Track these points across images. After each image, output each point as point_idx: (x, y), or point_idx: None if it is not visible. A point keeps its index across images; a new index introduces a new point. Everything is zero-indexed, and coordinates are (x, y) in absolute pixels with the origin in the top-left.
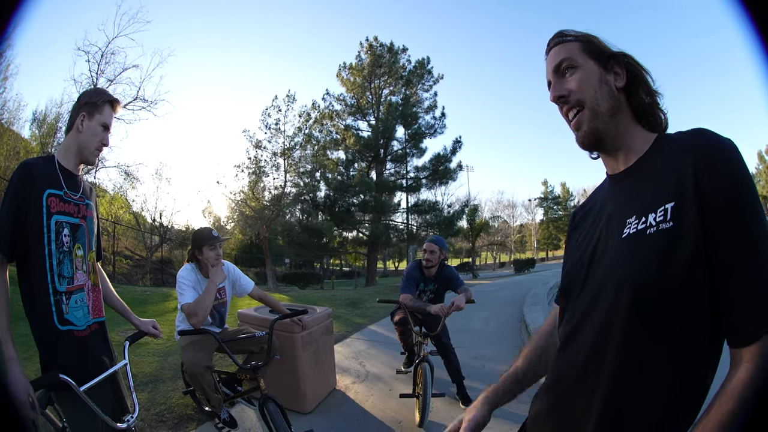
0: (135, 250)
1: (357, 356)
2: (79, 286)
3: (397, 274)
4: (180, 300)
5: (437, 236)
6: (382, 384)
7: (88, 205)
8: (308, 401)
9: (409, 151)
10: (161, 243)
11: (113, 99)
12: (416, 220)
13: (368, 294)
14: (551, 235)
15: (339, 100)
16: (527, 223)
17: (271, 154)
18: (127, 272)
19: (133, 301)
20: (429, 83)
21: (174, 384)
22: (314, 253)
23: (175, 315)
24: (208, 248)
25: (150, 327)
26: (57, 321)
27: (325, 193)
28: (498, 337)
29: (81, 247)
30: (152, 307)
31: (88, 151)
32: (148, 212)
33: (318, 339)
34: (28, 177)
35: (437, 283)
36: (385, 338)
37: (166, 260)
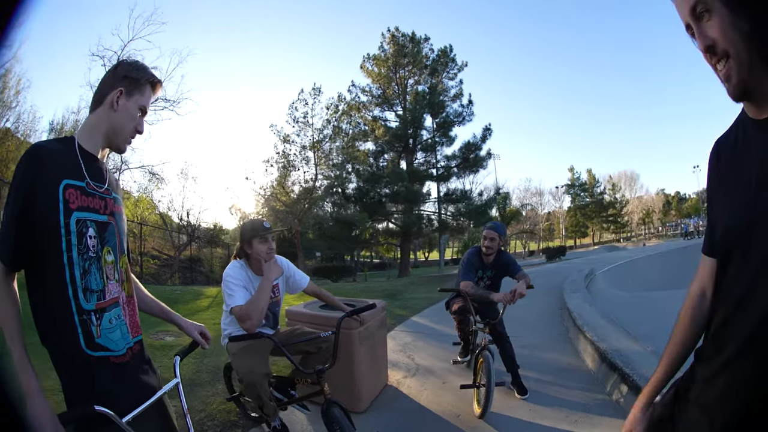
0: (162, 250)
1: (404, 349)
2: (112, 300)
3: (428, 264)
4: (229, 302)
5: (496, 222)
6: (434, 377)
7: (115, 199)
8: (363, 400)
9: (438, 139)
10: (189, 242)
11: (156, 80)
12: (447, 209)
13: (404, 285)
14: (579, 222)
15: (365, 91)
16: (555, 210)
17: (300, 148)
18: (155, 272)
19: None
20: (453, 71)
21: (213, 388)
22: (346, 245)
23: (207, 314)
24: (259, 241)
25: (196, 333)
26: (86, 347)
27: (356, 184)
28: (542, 326)
29: (111, 250)
30: (183, 306)
31: (121, 135)
32: (175, 212)
33: (374, 334)
34: (39, 164)
35: (495, 270)
36: (430, 329)
37: (195, 258)
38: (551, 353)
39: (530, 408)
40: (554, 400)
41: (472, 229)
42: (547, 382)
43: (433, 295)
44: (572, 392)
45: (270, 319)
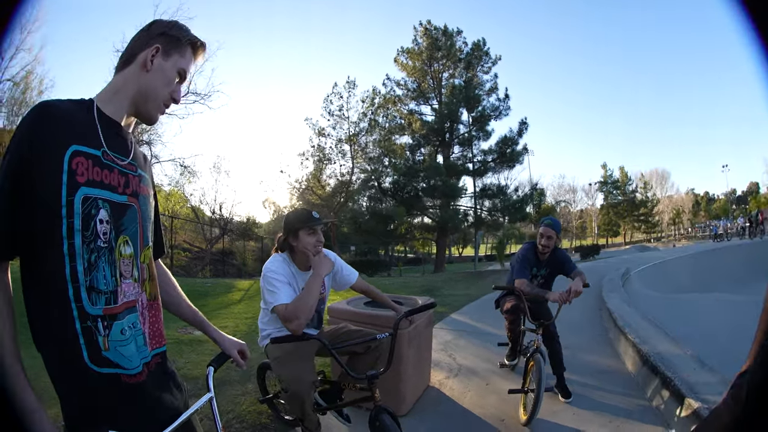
0: (194, 243)
1: (445, 348)
2: (127, 304)
3: (462, 260)
4: (271, 299)
5: (553, 219)
6: (478, 378)
7: (141, 177)
8: (406, 402)
9: (475, 134)
10: (222, 235)
11: (199, 41)
12: (483, 204)
13: (441, 281)
14: (611, 220)
15: (400, 85)
16: (588, 208)
17: (335, 141)
18: (186, 264)
19: (193, 294)
20: (487, 65)
21: (243, 387)
22: (381, 240)
23: (239, 308)
24: (306, 233)
25: (234, 351)
26: (90, 361)
27: (392, 178)
28: (582, 326)
29: (129, 240)
30: (213, 300)
31: (152, 101)
32: (207, 205)
33: (421, 333)
34: (43, 122)
35: (549, 268)
36: (471, 328)
37: (227, 251)
38: (592, 354)
39: (574, 412)
40: (597, 405)
41: (507, 226)
42: (588, 385)
43: (472, 292)
44: (614, 396)
45: (315, 319)
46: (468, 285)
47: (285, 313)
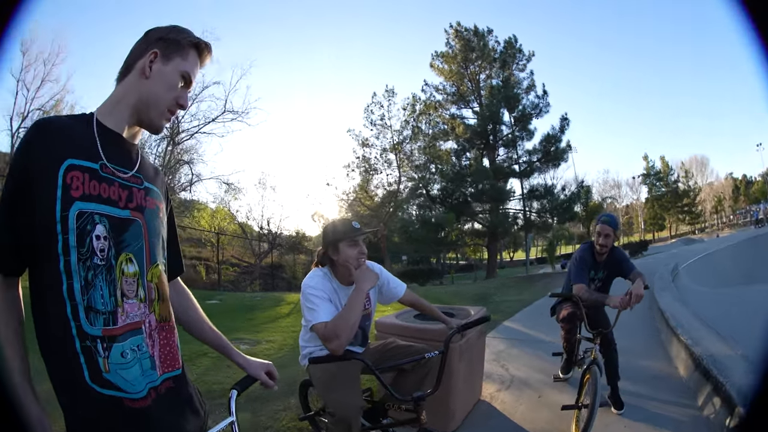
0: (243, 258)
1: (498, 358)
2: (129, 326)
3: (513, 264)
4: (310, 317)
5: (610, 215)
6: (530, 390)
7: (148, 190)
8: (456, 419)
9: (518, 134)
10: (270, 249)
11: (202, 42)
12: (531, 206)
13: (494, 287)
14: (656, 214)
15: (439, 90)
16: (633, 203)
17: (380, 151)
18: (234, 279)
19: (241, 308)
20: (522, 62)
21: (284, 402)
22: (432, 248)
23: (287, 321)
24: (347, 244)
25: (262, 372)
26: (91, 381)
27: (440, 185)
28: (634, 328)
29: (133, 258)
30: (260, 314)
31: (154, 108)
32: (255, 221)
33: (474, 346)
34: (38, 139)
35: (607, 270)
36: (523, 335)
37: (277, 265)
38: (644, 359)
39: (625, 425)
40: (649, 416)
41: (556, 227)
42: (640, 393)
43: (524, 297)
44: (666, 406)
45: (359, 336)
46: (520, 290)
47: (324, 332)
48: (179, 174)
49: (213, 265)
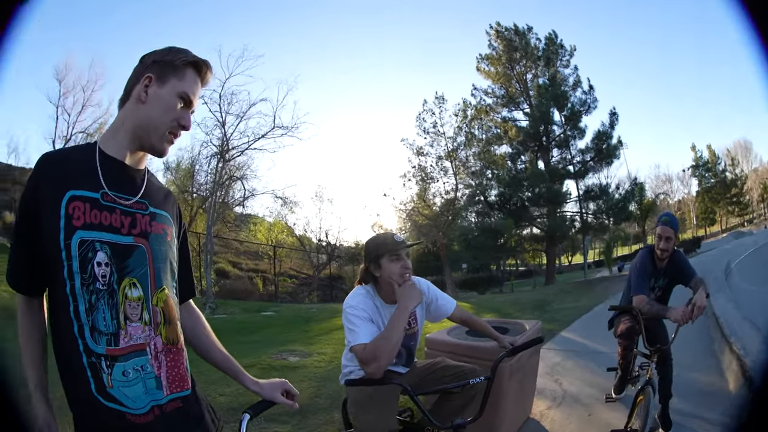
0: (301, 270)
1: (552, 371)
2: (132, 347)
3: (571, 269)
4: (350, 338)
5: (669, 214)
6: (581, 407)
7: (154, 215)
8: None
9: (570, 133)
10: (329, 261)
11: (199, 60)
12: (587, 207)
13: (552, 294)
14: (707, 208)
15: (488, 93)
16: (684, 197)
17: (435, 159)
18: (292, 290)
19: (297, 319)
20: (565, 58)
21: (328, 416)
22: (492, 255)
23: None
24: (389, 259)
25: (277, 393)
26: (97, 393)
27: (497, 190)
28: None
29: (137, 283)
30: (316, 326)
31: (154, 132)
32: (313, 233)
33: (526, 364)
34: (41, 174)
35: (667, 277)
36: (579, 346)
37: (335, 276)
38: (694, 371)
39: None
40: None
41: (612, 228)
42: (688, 411)
43: (582, 304)
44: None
45: (403, 356)
46: (578, 296)
47: (363, 355)
48: (233, 190)
49: (270, 277)
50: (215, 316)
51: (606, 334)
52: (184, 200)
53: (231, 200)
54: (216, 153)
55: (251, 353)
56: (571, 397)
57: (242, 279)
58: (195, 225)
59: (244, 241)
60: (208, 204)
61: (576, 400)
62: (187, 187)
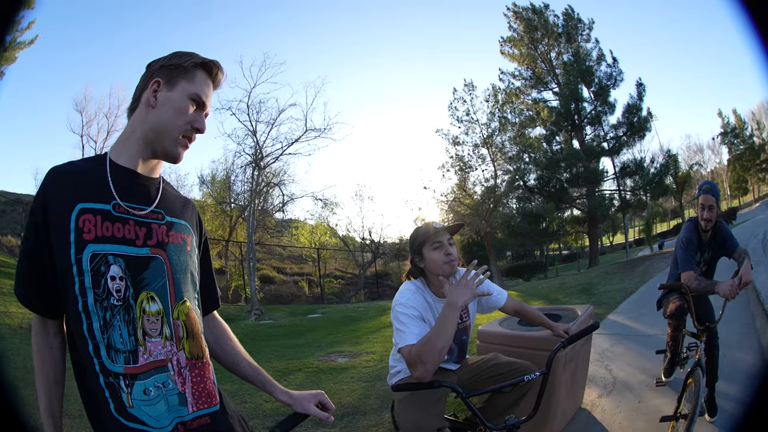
0: (347, 269)
1: (602, 357)
2: (152, 364)
3: (612, 249)
4: (397, 339)
5: (710, 182)
6: (631, 394)
7: (171, 224)
8: (553, 431)
9: (600, 109)
10: (374, 259)
11: (208, 61)
12: (624, 184)
13: (597, 277)
14: (739, 177)
15: (515, 76)
16: (717, 167)
17: (472, 147)
18: (339, 291)
19: (344, 320)
20: (585, 32)
21: (378, 417)
22: (535, 240)
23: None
24: (431, 248)
25: (311, 405)
26: (117, 413)
27: (536, 174)
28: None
29: (155, 296)
30: (365, 324)
31: (166, 135)
32: (356, 232)
33: (579, 353)
34: (50, 188)
35: (712, 250)
36: (627, 330)
37: (381, 274)
38: (738, 350)
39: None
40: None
41: (650, 204)
42: (733, 396)
43: (626, 285)
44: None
45: (455, 352)
46: (622, 277)
47: (410, 358)
48: (271, 196)
49: (315, 279)
50: (261, 322)
51: (653, 316)
52: (222, 211)
53: (270, 207)
54: (250, 162)
55: (298, 357)
56: (621, 384)
57: (287, 283)
58: (236, 234)
59: (287, 246)
60: (247, 212)
61: (626, 387)
62: (225, 198)
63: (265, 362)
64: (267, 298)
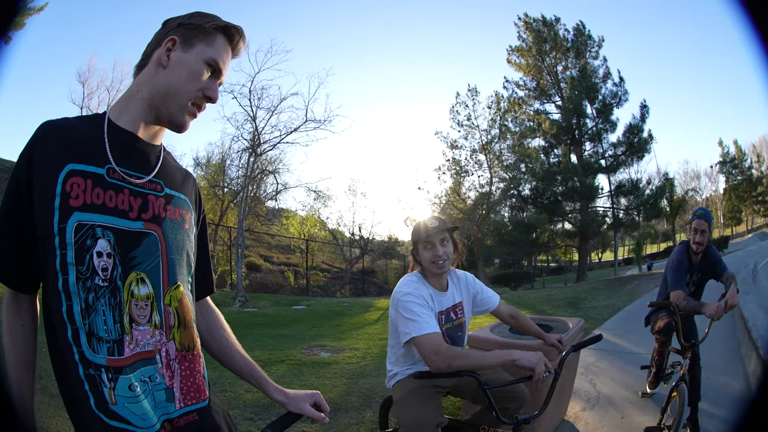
0: (334, 264)
1: (586, 371)
2: (139, 355)
3: (601, 266)
4: (408, 329)
5: (704, 208)
6: (613, 409)
7: (170, 197)
8: None
9: (601, 126)
10: (362, 255)
11: (231, 26)
12: (619, 203)
13: (584, 291)
14: (734, 206)
15: (519, 86)
16: (712, 195)
17: (470, 152)
18: (324, 284)
19: (329, 314)
20: (594, 49)
21: (360, 415)
22: (525, 250)
23: (375, 328)
24: (423, 247)
25: (306, 405)
26: (98, 410)
27: (531, 184)
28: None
29: (146, 278)
30: (349, 320)
31: (175, 100)
32: (346, 227)
33: (569, 363)
34: (38, 144)
35: (702, 272)
36: (612, 346)
37: (368, 270)
38: (722, 375)
39: None
40: None
41: (643, 225)
42: (716, 416)
43: (614, 302)
44: None
45: None
46: (610, 294)
47: (433, 348)
48: (265, 184)
49: (302, 271)
50: (245, 309)
51: (639, 334)
52: (214, 194)
53: (263, 194)
54: (247, 147)
55: (281, 348)
56: (605, 399)
57: (273, 273)
58: (226, 219)
59: (276, 235)
60: (240, 198)
61: (609, 401)
62: (218, 182)
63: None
64: (252, 286)
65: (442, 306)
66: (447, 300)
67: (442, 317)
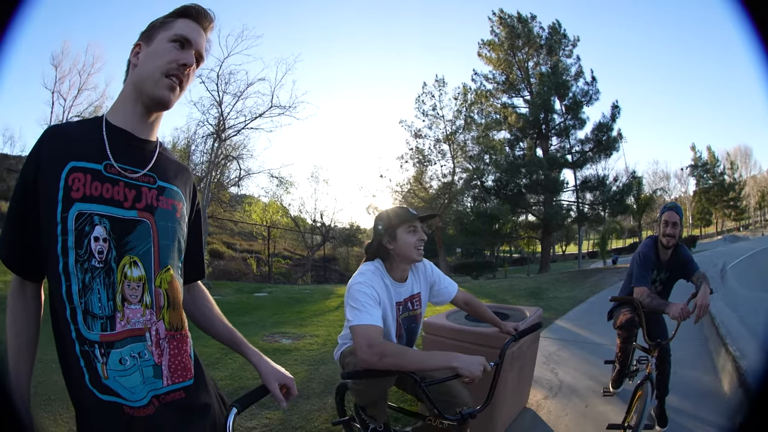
0: (295, 251)
1: (548, 361)
2: (129, 332)
3: (565, 258)
4: (351, 317)
5: (675, 203)
6: (577, 398)
7: (162, 189)
8: (498, 429)
9: (570, 123)
10: (323, 242)
11: (186, 6)
12: (584, 198)
13: (547, 282)
14: (703, 208)
15: (488, 79)
16: (681, 196)
17: (433, 142)
18: (286, 272)
19: (290, 301)
20: (568, 48)
21: (322, 401)
22: (487, 240)
23: (335, 315)
24: (406, 230)
25: (274, 385)
26: (91, 385)
27: (495, 176)
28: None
29: (138, 261)
30: (310, 307)
31: (149, 79)
32: (308, 214)
33: (526, 353)
34: (43, 146)
35: (670, 270)
36: (574, 336)
37: (330, 258)
38: (691, 369)
39: None
40: None
41: (608, 220)
42: (685, 410)
43: (577, 294)
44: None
45: (404, 339)
46: (573, 286)
47: (366, 340)
48: (228, 170)
49: (264, 258)
50: None
51: (601, 325)
52: None
53: (226, 180)
54: (212, 132)
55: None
56: (567, 388)
57: (236, 260)
58: None
59: (239, 222)
60: (204, 184)
61: (572, 391)
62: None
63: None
64: (215, 273)
65: (400, 296)
66: (405, 290)
67: (399, 307)
